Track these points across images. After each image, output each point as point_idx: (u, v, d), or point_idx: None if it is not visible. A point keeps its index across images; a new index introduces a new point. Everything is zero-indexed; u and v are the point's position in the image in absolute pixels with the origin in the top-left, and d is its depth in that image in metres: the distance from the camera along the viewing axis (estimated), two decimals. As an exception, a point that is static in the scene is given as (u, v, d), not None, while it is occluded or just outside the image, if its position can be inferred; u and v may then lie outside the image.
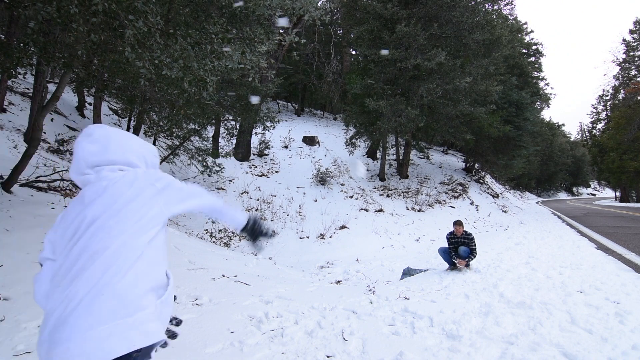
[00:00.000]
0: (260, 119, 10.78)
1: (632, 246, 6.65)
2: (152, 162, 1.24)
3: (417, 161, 18.64)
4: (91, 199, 1.04)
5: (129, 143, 1.18)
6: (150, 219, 1.04)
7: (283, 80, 13.18)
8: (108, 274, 0.92)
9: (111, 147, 1.12)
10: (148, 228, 1.03)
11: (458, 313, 3.40)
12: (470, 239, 5.28)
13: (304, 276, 6.26)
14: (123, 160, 1.13)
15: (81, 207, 1.04)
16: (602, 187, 56.35)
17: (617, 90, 29.17)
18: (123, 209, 1.01)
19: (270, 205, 11.60)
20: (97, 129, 1.15)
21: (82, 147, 1.11)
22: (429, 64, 11.56)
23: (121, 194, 1.03)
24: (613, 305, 3.43)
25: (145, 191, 1.06)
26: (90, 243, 0.96)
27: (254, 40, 4.51)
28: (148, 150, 1.24)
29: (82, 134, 1.15)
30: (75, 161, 1.13)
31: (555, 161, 43.82)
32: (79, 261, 0.94)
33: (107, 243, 0.95)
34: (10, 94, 10.25)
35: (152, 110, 7.12)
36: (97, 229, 0.98)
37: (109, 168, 1.10)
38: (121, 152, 1.13)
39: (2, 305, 2.58)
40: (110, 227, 0.98)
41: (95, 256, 0.94)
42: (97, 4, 3.00)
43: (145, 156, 1.21)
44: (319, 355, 2.60)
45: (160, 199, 1.08)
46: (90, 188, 1.07)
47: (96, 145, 1.11)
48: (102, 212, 1.00)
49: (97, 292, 0.89)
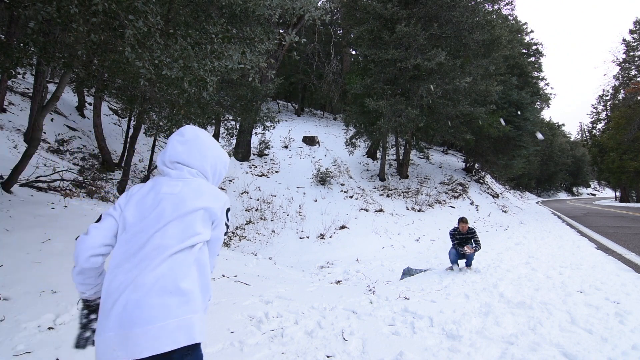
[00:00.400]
0: (260, 119, 10.77)
1: (632, 246, 6.65)
2: (219, 173, 1.37)
3: (417, 161, 18.64)
4: (166, 193, 1.18)
5: (208, 153, 1.32)
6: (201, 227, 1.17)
7: (283, 80, 13.16)
8: (172, 271, 1.04)
9: (193, 152, 1.28)
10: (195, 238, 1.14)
11: (458, 313, 3.40)
12: (474, 233, 5.35)
13: (304, 276, 6.26)
14: (199, 166, 1.29)
15: (156, 196, 1.18)
16: (602, 187, 56.35)
17: (617, 90, 29.15)
18: (186, 217, 1.14)
19: (270, 205, 11.60)
20: (189, 131, 1.31)
21: (172, 145, 1.28)
22: (429, 64, 11.56)
23: (187, 201, 1.17)
24: (613, 305, 3.43)
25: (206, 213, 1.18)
26: (157, 236, 1.09)
27: (254, 40, 4.51)
28: (221, 161, 1.37)
29: (177, 132, 1.33)
30: (165, 152, 1.30)
31: (555, 161, 43.81)
32: (145, 248, 1.08)
33: (170, 242, 1.09)
34: (10, 94, 10.25)
35: (152, 110, 7.11)
36: (163, 225, 1.11)
37: (188, 170, 1.26)
38: (199, 159, 1.29)
39: (2, 305, 2.58)
40: (174, 227, 1.12)
41: (160, 250, 1.07)
42: (97, 4, 3.00)
43: (216, 166, 1.35)
44: (319, 355, 2.60)
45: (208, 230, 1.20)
46: (169, 182, 1.22)
47: (184, 146, 1.28)
48: (170, 212, 1.14)
49: (163, 287, 1.02)
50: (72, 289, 3.00)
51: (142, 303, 0.98)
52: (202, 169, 1.30)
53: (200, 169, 1.29)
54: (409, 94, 12.90)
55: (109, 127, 11.71)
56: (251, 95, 9.51)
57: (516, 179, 32.73)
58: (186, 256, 1.09)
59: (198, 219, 1.15)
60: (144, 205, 1.17)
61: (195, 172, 1.27)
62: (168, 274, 1.03)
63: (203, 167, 1.30)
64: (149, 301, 0.98)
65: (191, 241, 1.11)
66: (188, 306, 1.02)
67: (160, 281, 1.02)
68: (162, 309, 0.98)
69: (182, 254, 1.09)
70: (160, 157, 1.31)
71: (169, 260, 1.05)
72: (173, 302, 1.00)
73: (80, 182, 6.25)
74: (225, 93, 9.21)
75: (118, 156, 10.33)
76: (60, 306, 2.71)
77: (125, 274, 1.04)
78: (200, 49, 3.97)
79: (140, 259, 1.06)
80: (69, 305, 2.73)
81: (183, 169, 1.26)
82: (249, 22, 5.98)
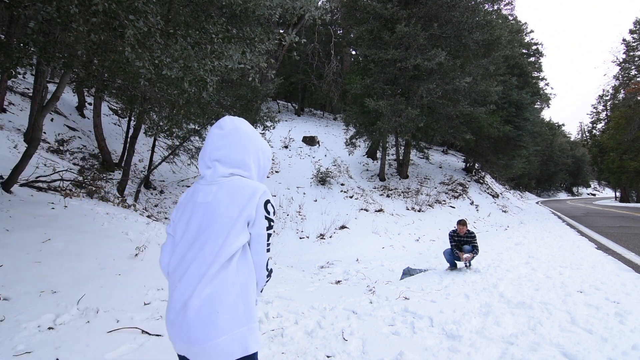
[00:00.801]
0: (260, 119, 10.77)
1: (632, 246, 6.65)
2: (263, 166, 1.31)
3: (417, 161, 18.63)
4: (200, 203, 1.17)
5: (250, 145, 1.24)
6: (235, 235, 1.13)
7: (283, 80, 13.16)
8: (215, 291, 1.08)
9: (234, 147, 1.21)
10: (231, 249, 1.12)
11: (458, 313, 3.40)
12: (473, 237, 5.33)
13: (304, 276, 6.26)
14: (239, 161, 1.22)
15: (192, 207, 1.18)
16: (602, 187, 56.35)
17: (617, 90, 29.15)
18: (220, 229, 1.12)
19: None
20: (228, 123, 1.24)
21: (212, 140, 1.22)
22: (429, 64, 11.56)
23: (220, 210, 1.14)
24: (613, 305, 3.43)
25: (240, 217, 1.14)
26: (194, 253, 1.12)
27: (254, 40, 4.51)
28: (264, 153, 1.30)
29: (215, 125, 1.25)
30: (204, 150, 1.24)
31: (555, 161, 43.80)
32: (187, 266, 1.12)
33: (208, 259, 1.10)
34: (10, 94, 10.25)
35: (152, 110, 7.11)
36: (199, 240, 1.13)
37: (221, 171, 1.20)
38: (240, 153, 1.22)
39: (2, 305, 2.58)
40: (210, 241, 1.11)
41: (200, 267, 1.10)
42: (97, 4, 3.00)
43: (259, 159, 1.28)
44: (319, 355, 2.60)
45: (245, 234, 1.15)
46: (203, 188, 1.20)
47: (223, 141, 1.21)
48: (205, 225, 1.14)
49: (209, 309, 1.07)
50: (72, 289, 3.01)
51: (193, 326, 1.06)
52: (244, 163, 1.23)
53: (241, 164, 1.22)
54: (409, 94, 12.90)
55: (109, 127, 11.71)
56: (251, 95, 9.51)
57: (516, 179, 32.73)
58: (227, 272, 1.10)
59: (233, 227, 1.12)
60: (183, 218, 1.19)
61: (234, 169, 1.21)
62: (211, 295, 1.07)
63: (245, 161, 1.23)
64: (197, 324, 1.05)
65: (228, 253, 1.11)
66: (235, 321, 1.07)
67: (206, 304, 1.07)
68: (213, 328, 1.05)
69: (222, 270, 1.10)
70: (201, 156, 1.26)
71: (210, 279, 1.08)
72: (222, 320, 1.06)
73: (80, 182, 6.25)
74: (225, 93, 9.21)
75: (118, 156, 10.33)
76: (60, 306, 2.71)
77: (176, 292, 1.12)
78: (200, 49, 3.97)
79: (184, 277, 1.11)
80: (69, 305, 2.73)
81: (218, 167, 1.20)
82: (249, 22, 5.99)
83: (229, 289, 1.09)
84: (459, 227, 5.34)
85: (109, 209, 5.57)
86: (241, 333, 1.08)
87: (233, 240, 1.11)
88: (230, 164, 1.21)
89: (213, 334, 1.05)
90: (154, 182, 10.74)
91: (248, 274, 1.15)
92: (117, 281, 3.30)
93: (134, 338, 2.53)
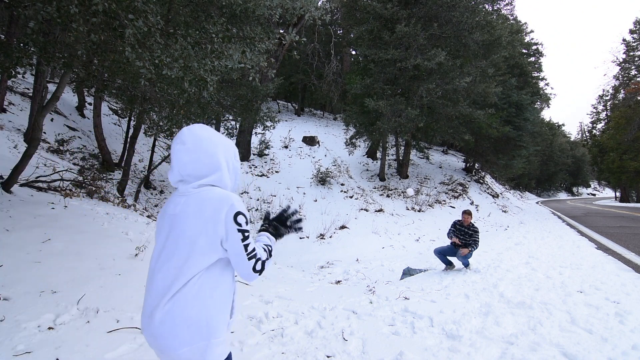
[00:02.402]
0: (260, 119, 10.77)
1: (632, 246, 6.65)
2: (234, 167, 1.30)
3: (417, 161, 18.63)
4: (170, 212, 1.19)
5: (217, 151, 1.22)
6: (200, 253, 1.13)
7: (283, 80, 13.16)
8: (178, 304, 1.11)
9: (201, 158, 1.19)
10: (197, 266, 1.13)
11: (458, 313, 3.40)
12: (475, 230, 5.27)
13: (304, 276, 6.26)
14: (209, 172, 1.19)
15: (163, 219, 1.21)
16: (602, 187, 56.31)
17: (617, 90, 29.16)
18: (185, 244, 1.13)
19: (270, 205, 11.59)
20: (188, 136, 1.19)
21: (177, 157, 1.19)
22: (428, 64, 11.56)
23: (185, 224, 1.14)
24: (613, 305, 3.43)
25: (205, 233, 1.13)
26: (160, 267, 1.16)
27: (254, 39, 4.51)
28: (232, 154, 1.29)
29: (176, 140, 1.21)
30: (171, 166, 1.22)
31: (555, 161, 43.79)
32: (153, 280, 1.16)
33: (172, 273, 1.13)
34: (10, 94, 10.25)
35: (152, 110, 7.11)
36: (165, 254, 1.16)
37: (192, 183, 1.19)
38: (208, 163, 1.19)
39: (2, 305, 2.58)
40: (175, 256, 1.13)
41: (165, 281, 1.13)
42: (97, 4, 3.00)
43: (229, 163, 1.27)
44: (319, 355, 2.60)
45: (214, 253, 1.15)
46: (174, 199, 1.21)
47: (189, 155, 1.18)
48: (171, 240, 1.15)
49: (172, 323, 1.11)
50: (72, 289, 3.00)
51: (159, 335, 1.11)
52: (215, 172, 1.20)
53: (211, 173, 1.20)
54: (409, 94, 12.90)
55: (109, 127, 11.71)
56: (251, 95, 9.50)
57: (516, 179, 32.73)
58: (189, 288, 1.11)
59: (196, 244, 1.11)
60: (159, 227, 1.23)
61: (204, 180, 1.18)
62: (171, 310, 1.10)
63: (215, 170, 1.20)
64: (162, 334, 1.11)
65: (192, 271, 1.11)
66: (195, 335, 1.10)
67: (168, 317, 1.10)
68: (175, 339, 1.10)
69: (185, 286, 1.11)
70: (170, 171, 1.23)
71: (173, 294, 1.11)
72: (181, 333, 1.10)
73: (80, 182, 6.25)
74: (225, 93, 9.21)
75: (118, 156, 10.33)
76: (60, 306, 2.70)
77: (147, 299, 1.17)
78: (200, 49, 3.97)
79: (152, 287, 1.15)
80: (69, 305, 2.73)
81: (188, 180, 1.18)
82: (249, 21, 5.98)
83: (191, 305, 1.10)
84: (464, 217, 5.28)
85: (109, 209, 5.57)
86: (200, 347, 1.11)
87: (198, 258, 1.12)
88: (200, 176, 1.18)
89: (175, 344, 1.10)
90: (154, 182, 10.74)
91: (214, 289, 1.14)
92: (117, 281, 3.30)
93: (134, 338, 2.52)
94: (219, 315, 1.15)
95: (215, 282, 1.16)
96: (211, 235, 1.12)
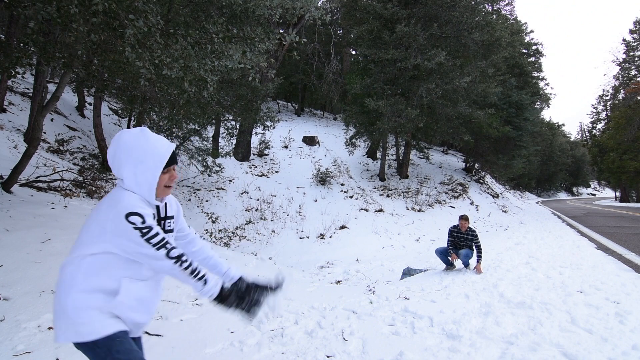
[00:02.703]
0: (260, 119, 10.78)
1: (632, 246, 6.65)
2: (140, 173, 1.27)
3: (417, 161, 18.63)
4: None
5: (127, 159, 1.26)
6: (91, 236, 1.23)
7: (283, 80, 13.17)
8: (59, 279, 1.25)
9: (115, 163, 1.28)
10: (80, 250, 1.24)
11: (458, 313, 3.40)
12: (474, 235, 5.20)
13: (304, 276, 6.25)
14: (119, 174, 1.28)
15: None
16: (602, 187, 56.31)
17: (617, 90, 29.17)
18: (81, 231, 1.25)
19: (270, 205, 11.59)
20: (114, 142, 1.28)
21: (108, 160, 1.31)
22: (428, 64, 11.56)
23: (90, 216, 1.26)
24: (613, 305, 3.43)
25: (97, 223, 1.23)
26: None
27: (254, 39, 4.51)
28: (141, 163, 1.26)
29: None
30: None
31: (555, 161, 43.79)
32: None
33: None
34: (10, 94, 10.25)
35: (152, 110, 7.11)
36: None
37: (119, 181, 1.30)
38: (118, 168, 1.28)
39: (2, 305, 2.58)
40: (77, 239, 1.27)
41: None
42: (97, 4, 3.00)
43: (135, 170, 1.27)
44: (319, 355, 2.60)
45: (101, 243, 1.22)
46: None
47: (112, 160, 1.29)
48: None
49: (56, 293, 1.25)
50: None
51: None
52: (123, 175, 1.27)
53: (121, 176, 1.27)
54: (409, 94, 12.90)
55: (109, 127, 11.70)
56: (251, 95, 9.51)
57: (516, 179, 32.72)
58: (70, 266, 1.23)
59: (89, 230, 1.22)
60: None
61: (119, 181, 1.29)
62: (58, 281, 1.25)
63: (122, 174, 1.27)
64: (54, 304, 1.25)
65: (77, 255, 1.22)
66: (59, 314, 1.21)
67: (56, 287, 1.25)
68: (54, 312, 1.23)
69: (63, 268, 1.24)
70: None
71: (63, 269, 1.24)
72: (55, 310, 1.22)
73: (80, 182, 6.25)
74: (225, 93, 9.21)
75: (118, 156, 10.31)
76: (60, 306, 2.70)
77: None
78: (200, 49, 3.97)
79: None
80: (69, 305, 2.73)
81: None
82: (249, 22, 5.98)
83: (60, 287, 1.24)
84: (461, 222, 5.22)
85: (109, 209, 5.56)
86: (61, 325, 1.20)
87: (87, 241, 1.22)
88: (119, 177, 1.29)
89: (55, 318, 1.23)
90: (154, 182, 10.72)
91: (76, 272, 1.21)
92: (117, 281, 3.29)
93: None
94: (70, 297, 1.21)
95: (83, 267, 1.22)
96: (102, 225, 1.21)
